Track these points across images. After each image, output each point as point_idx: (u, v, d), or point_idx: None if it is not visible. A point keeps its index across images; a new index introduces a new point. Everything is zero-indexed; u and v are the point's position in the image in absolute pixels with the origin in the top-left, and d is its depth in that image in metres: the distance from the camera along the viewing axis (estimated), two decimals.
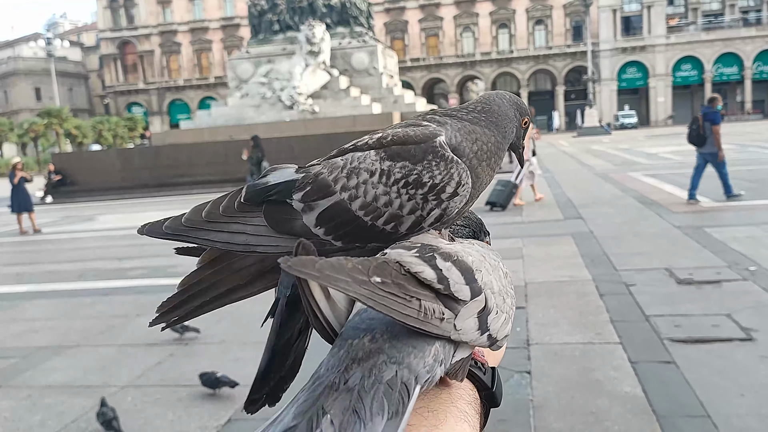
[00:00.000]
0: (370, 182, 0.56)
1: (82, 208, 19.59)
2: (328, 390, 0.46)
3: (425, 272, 0.50)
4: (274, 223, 0.57)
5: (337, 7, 26.90)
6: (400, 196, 0.56)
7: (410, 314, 0.48)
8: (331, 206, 0.56)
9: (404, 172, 0.57)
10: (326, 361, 0.50)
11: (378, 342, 0.49)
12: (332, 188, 0.56)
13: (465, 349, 0.54)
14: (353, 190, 0.56)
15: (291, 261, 0.45)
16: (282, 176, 0.59)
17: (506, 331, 0.56)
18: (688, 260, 7.00)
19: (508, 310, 0.56)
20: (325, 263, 0.46)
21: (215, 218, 0.58)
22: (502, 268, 0.58)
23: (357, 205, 0.56)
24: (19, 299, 7.65)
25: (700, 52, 58.60)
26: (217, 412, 3.99)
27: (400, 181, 0.56)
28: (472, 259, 0.54)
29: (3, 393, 4.62)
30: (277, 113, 24.46)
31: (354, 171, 0.57)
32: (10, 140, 57.73)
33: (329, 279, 0.45)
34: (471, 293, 0.52)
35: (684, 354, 4.38)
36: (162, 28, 65.94)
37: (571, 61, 60.70)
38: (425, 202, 0.57)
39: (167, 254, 10.36)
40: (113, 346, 5.56)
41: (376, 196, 0.56)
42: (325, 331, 0.52)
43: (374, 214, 0.56)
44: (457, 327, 0.51)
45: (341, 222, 0.56)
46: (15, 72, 69.03)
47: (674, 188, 13.03)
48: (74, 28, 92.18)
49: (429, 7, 62.80)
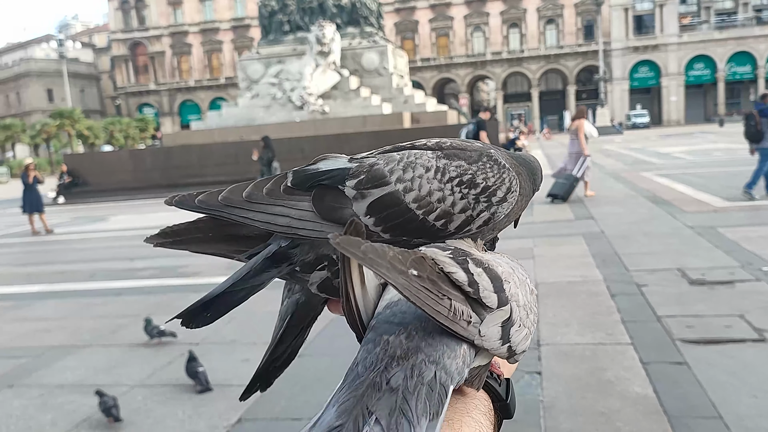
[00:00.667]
0: (425, 177, 0.57)
1: (94, 209, 19.72)
2: (370, 389, 0.47)
3: (457, 273, 0.51)
4: (322, 208, 0.56)
5: (347, 8, 26.93)
6: (453, 194, 0.57)
7: (441, 311, 0.48)
8: (384, 196, 0.56)
9: (459, 171, 0.58)
10: (362, 359, 0.50)
11: (414, 340, 0.50)
12: (387, 179, 0.57)
13: (484, 357, 0.54)
14: (408, 183, 0.57)
15: (340, 238, 0.46)
16: (334, 164, 0.59)
17: (525, 346, 0.57)
18: (701, 260, 6.94)
19: (530, 325, 0.57)
20: (370, 247, 0.46)
21: (257, 199, 0.57)
22: (529, 284, 0.58)
23: (411, 198, 0.56)
24: (30, 299, 7.71)
25: (713, 51, 58.19)
26: (227, 411, 4.00)
27: (455, 179, 0.57)
28: (502, 270, 0.55)
29: (14, 392, 4.65)
30: (288, 113, 24.52)
31: (410, 165, 0.58)
32: (22, 141, 58.27)
33: (372, 262, 0.46)
34: (498, 302, 0.53)
35: (696, 355, 4.34)
36: (173, 29, 66.29)
37: (583, 61, 60.45)
38: (476, 202, 0.58)
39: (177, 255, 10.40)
40: (124, 345, 5.59)
41: (431, 191, 0.57)
42: (353, 316, 0.53)
43: (426, 209, 0.56)
44: (482, 333, 0.51)
45: (392, 213, 0.56)
46: (27, 73, 69.64)
47: (687, 188, 12.93)
48: (86, 30, 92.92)
49: (439, 7, 62.73)
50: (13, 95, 71.68)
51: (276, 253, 0.57)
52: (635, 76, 60.35)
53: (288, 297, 0.67)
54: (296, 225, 0.56)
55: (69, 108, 56.01)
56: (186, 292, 7.38)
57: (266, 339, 0.62)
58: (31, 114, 66.80)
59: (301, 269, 0.60)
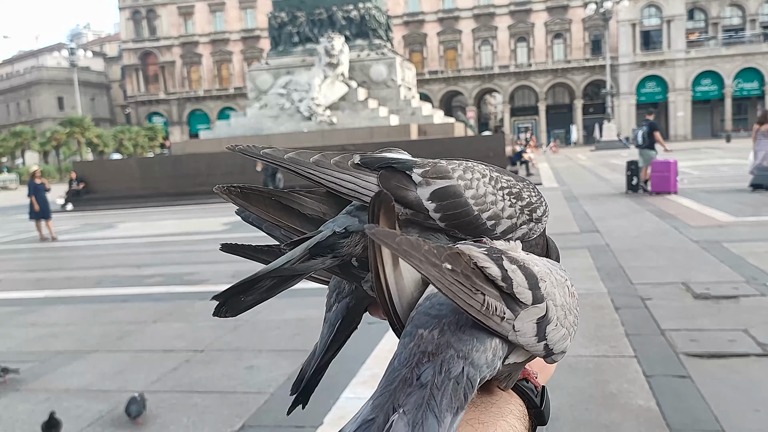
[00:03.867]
0: (482, 181, 0.62)
1: (102, 216, 19.83)
2: (402, 384, 0.49)
3: (491, 269, 0.52)
4: (389, 186, 0.59)
5: (356, 20, 27.12)
6: (503, 200, 0.62)
7: (474, 305, 0.50)
8: (447, 187, 0.60)
9: (509, 183, 0.64)
10: (398, 353, 0.52)
11: (446, 335, 0.51)
12: (450, 174, 0.61)
13: (519, 355, 0.55)
14: (468, 181, 0.61)
15: (375, 229, 0.48)
16: (400, 155, 0.64)
17: (564, 347, 0.57)
18: (705, 274, 6.94)
19: (570, 326, 0.57)
20: (405, 239, 0.48)
21: (324, 165, 0.60)
22: (569, 287, 0.59)
23: (469, 195, 0.61)
24: (38, 304, 7.76)
25: (720, 67, 58.16)
26: (231, 418, 4.03)
27: (505, 189, 0.63)
28: (537, 269, 0.56)
29: (21, 396, 4.69)
30: (296, 124, 24.66)
31: (469, 168, 0.63)
32: (32, 148, 58.64)
33: (406, 254, 0.48)
34: (533, 298, 0.53)
35: (699, 368, 4.35)
36: (183, 40, 66.78)
37: (590, 75, 60.52)
38: (521, 213, 0.63)
39: (184, 262, 10.47)
40: (130, 351, 5.63)
41: (486, 193, 0.62)
42: (387, 306, 0.54)
43: (482, 207, 0.61)
44: (516, 328, 0.52)
45: (453, 203, 0.60)
46: (39, 81, 70.24)
47: (692, 203, 12.92)
48: (97, 39, 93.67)
49: (448, 21, 63.03)
50: (24, 103, 72.26)
51: (329, 238, 0.58)
52: (642, 91, 60.33)
53: (337, 301, 0.67)
54: (361, 191, 0.59)
55: (79, 116, 56.39)
56: (192, 300, 7.42)
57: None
58: (41, 121, 67.30)
59: (360, 265, 0.62)
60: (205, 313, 6.82)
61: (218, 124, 29.10)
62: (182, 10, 66.52)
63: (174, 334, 6.00)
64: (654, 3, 59.05)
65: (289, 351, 5.16)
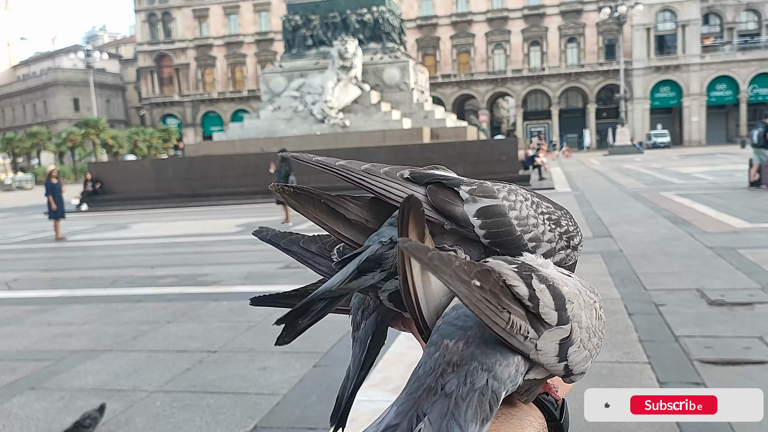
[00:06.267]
0: (524, 204, 0.64)
1: (117, 217, 19.98)
2: (426, 393, 0.50)
3: (519, 287, 0.53)
4: (436, 200, 0.61)
5: (369, 23, 27.18)
6: (544, 224, 0.64)
7: (499, 323, 0.50)
8: (493, 206, 0.62)
9: (549, 210, 0.65)
10: (423, 362, 0.53)
11: (471, 347, 0.52)
12: (495, 194, 0.63)
13: (539, 372, 0.55)
14: (512, 203, 0.63)
15: (408, 243, 0.49)
16: (447, 172, 0.66)
17: (584, 368, 0.58)
18: (720, 281, 6.89)
19: (592, 348, 0.58)
20: (436, 254, 0.50)
21: (375, 173, 0.62)
22: (597, 309, 0.59)
23: (513, 215, 0.62)
24: (54, 303, 7.83)
25: (736, 72, 57.69)
26: (244, 419, 4.05)
27: (546, 214, 0.64)
28: (567, 289, 0.56)
29: (37, 394, 4.74)
30: (309, 126, 24.74)
31: (513, 191, 0.65)
32: (48, 149, 59.24)
33: (437, 269, 0.49)
34: (558, 319, 0.54)
35: (714, 376, 4.32)
36: (198, 42, 67.21)
37: (604, 80, 60.24)
38: (559, 239, 0.64)
39: (197, 263, 10.52)
40: (144, 351, 5.67)
41: (528, 215, 0.63)
42: (414, 311, 0.55)
43: (523, 228, 0.62)
44: (538, 347, 0.53)
45: (497, 222, 0.61)
46: (55, 83, 70.93)
47: (707, 208, 12.83)
48: (113, 41, 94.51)
49: (461, 24, 63.00)
50: (41, 104, 72.98)
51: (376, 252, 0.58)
52: (656, 95, 59.96)
53: (364, 318, 0.68)
54: None
55: (94, 117, 56.91)
56: (206, 300, 7.47)
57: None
58: (57, 122, 67.93)
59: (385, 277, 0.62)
60: (218, 314, 6.87)
61: (232, 127, 29.25)
62: (197, 13, 66.97)
63: (187, 335, 6.04)
64: (669, 7, 58.71)
65: (302, 353, 5.18)
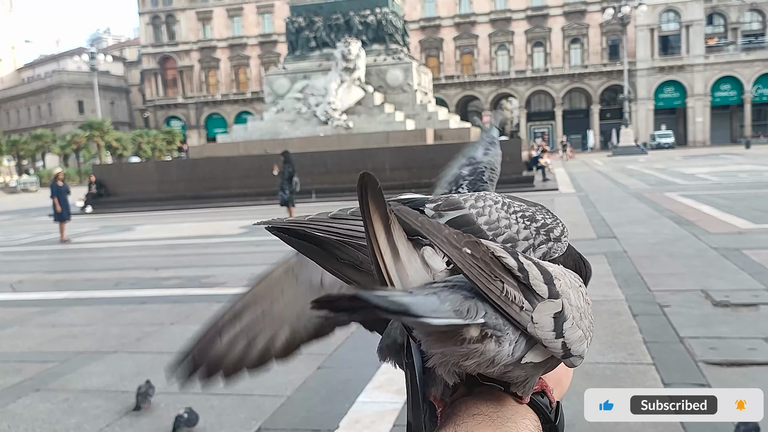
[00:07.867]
0: (494, 207, 0.65)
1: (121, 218, 20.03)
2: None
3: (508, 259, 0.53)
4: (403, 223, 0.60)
5: (372, 25, 27.20)
6: (517, 223, 0.64)
7: (494, 291, 0.51)
8: (459, 217, 0.63)
9: (521, 208, 0.66)
10: None
11: None
12: (461, 204, 0.64)
13: (537, 354, 0.55)
14: (480, 209, 0.64)
15: (399, 207, 0.51)
16: (413, 195, 0.66)
17: (581, 350, 0.57)
18: (725, 282, 6.87)
19: (585, 330, 0.57)
20: (427, 220, 0.51)
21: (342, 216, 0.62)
22: (583, 293, 0.60)
23: (482, 221, 0.63)
24: (58, 305, 7.85)
25: (740, 73, 57.55)
26: (248, 421, 4.05)
27: (518, 213, 0.65)
28: (552, 269, 0.57)
29: (41, 396, 4.75)
30: (312, 128, 24.76)
31: (480, 197, 0.66)
32: (53, 151, 59.41)
33: (428, 233, 0.50)
34: (549, 293, 0.54)
35: (719, 377, 4.30)
36: (202, 44, 67.32)
37: (607, 80, 60.13)
38: (537, 234, 0.65)
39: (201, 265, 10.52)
40: (149, 353, 5.68)
41: (498, 218, 0.64)
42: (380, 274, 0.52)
43: (495, 231, 0.63)
44: (534, 320, 0.52)
45: (467, 231, 0.60)
46: (59, 85, 71.12)
47: (711, 209, 12.79)
48: (117, 44, 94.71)
49: (464, 25, 62.97)
50: (45, 106, 73.18)
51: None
52: (660, 96, 59.81)
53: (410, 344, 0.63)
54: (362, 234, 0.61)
55: (99, 119, 57.00)
56: (210, 302, 7.47)
57: None
58: (61, 125, 68.10)
59: None
60: None
61: (235, 128, 29.33)
62: (201, 15, 67.10)
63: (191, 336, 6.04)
64: (673, 8, 58.59)
65: (306, 354, 5.16)
